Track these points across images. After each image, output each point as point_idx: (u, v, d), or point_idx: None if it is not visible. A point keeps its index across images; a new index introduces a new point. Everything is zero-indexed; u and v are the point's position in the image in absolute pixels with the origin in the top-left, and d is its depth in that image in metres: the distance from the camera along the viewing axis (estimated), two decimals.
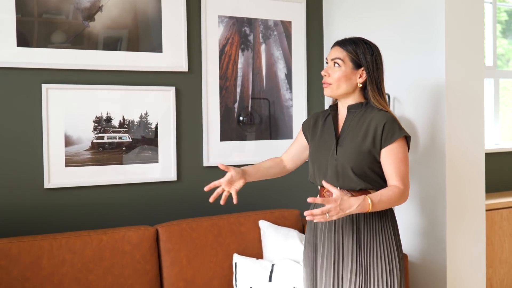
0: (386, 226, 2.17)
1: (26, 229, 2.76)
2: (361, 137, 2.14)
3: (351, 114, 2.21)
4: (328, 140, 2.23)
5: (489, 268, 3.39)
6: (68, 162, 2.83)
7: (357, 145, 2.13)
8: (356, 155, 2.12)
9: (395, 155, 2.11)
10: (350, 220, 2.14)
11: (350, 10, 3.33)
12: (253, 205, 3.31)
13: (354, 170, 2.12)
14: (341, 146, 2.16)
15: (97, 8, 2.88)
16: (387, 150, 2.12)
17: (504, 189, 3.99)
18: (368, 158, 2.13)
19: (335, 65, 2.19)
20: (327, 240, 2.19)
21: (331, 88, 2.20)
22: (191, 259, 2.80)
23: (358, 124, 2.18)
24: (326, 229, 2.20)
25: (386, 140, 2.11)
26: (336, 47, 2.22)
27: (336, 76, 2.18)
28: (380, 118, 2.13)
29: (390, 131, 2.11)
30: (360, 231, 2.14)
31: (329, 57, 2.23)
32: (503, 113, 4.22)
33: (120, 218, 2.97)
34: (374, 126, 2.13)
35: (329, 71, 2.20)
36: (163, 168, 3.05)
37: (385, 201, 2.05)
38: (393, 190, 2.08)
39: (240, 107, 3.27)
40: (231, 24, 3.23)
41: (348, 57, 2.18)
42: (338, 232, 2.16)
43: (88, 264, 2.61)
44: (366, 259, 2.13)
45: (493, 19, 4.09)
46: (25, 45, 2.73)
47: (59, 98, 2.80)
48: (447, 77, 2.71)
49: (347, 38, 2.24)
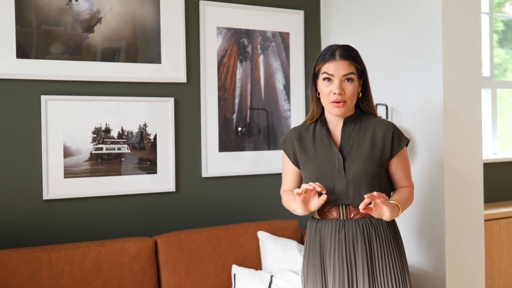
0: (396, 239, 2.15)
1: (24, 241, 2.75)
2: (368, 148, 2.11)
3: (348, 127, 2.15)
4: (328, 156, 2.13)
5: (488, 279, 3.39)
6: (66, 173, 2.83)
7: (367, 156, 2.09)
8: (367, 167, 2.08)
9: (404, 159, 2.18)
10: (361, 233, 2.08)
11: (348, 22, 3.34)
12: (251, 216, 3.31)
13: (368, 184, 2.07)
14: (349, 161, 2.09)
15: (96, 20, 2.89)
16: (397, 157, 2.16)
17: (502, 199, 3.99)
18: (379, 168, 2.11)
19: (348, 81, 2.07)
20: (337, 258, 2.09)
21: (346, 106, 2.09)
22: (190, 270, 2.79)
23: (360, 135, 2.13)
24: (336, 246, 2.10)
25: (397, 148, 2.14)
26: (344, 61, 2.07)
27: (351, 93, 2.07)
28: (386, 126, 2.15)
29: (398, 139, 2.15)
30: (372, 244, 2.09)
31: (336, 72, 2.06)
32: (500, 123, 4.24)
33: (119, 229, 2.97)
34: (382, 135, 2.12)
35: (344, 89, 2.06)
36: (162, 179, 3.05)
37: (404, 202, 2.13)
38: (408, 192, 2.17)
39: (238, 117, 3.28)
40: (229, 36, 3.25)
41: (356, 70, 2.09)
42: (349, 247, 2.08)
43: (86, 276, 2.60)
44: (379, 274, 2.08)
45: (489, 29, 4.11)
46: (24, 57, 2.73)
47: (58, 109, 2.81)
48: (444, 87, 2.72)
49: (345, 48, 2.11)
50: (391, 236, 2.13)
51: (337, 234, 2.10)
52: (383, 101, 3.03)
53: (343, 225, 2.10)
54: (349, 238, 2.09)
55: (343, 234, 2.09)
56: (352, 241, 2.08)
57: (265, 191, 3.37)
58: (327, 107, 2.12)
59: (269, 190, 3.37)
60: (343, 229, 2.09)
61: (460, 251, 2.78)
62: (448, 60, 2.74)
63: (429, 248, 2.83)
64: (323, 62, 2.10)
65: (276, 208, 3.35)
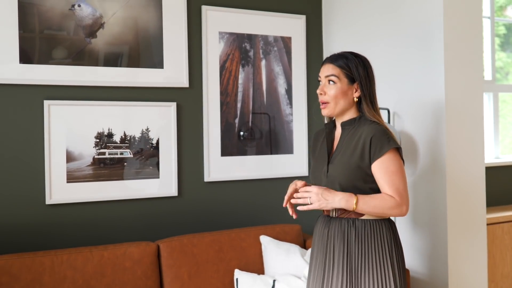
0: (380, 239, 2.11)
1: (27, 245, 2.76)
2: (349, 153, 2.12)
3: (346, 131, 2.19)
4: (322, 158, 2.23)
5: (491, 283, 3.38)
6: (69, 178, 2.83)
7: (346, 161, 2.11)
8: (344, 172, 2.10)
9: (386, 168, 2.06)
10: (341, 232, 2.11)
11: (349, 26, 3.35)
12: (254, 220, 3.31)
13: (341, 187, 2.10)
14: (332, 164, 2.15)
15: (99, 25, 2.90)
16: (377, 164, 2.07)
17: (505, 203, 3.99)
18: (358, 173, 2.09)
19: (330, 83, 2.15)
20: (320, 252, 2.19)
21: (329, 107, 2.17)
22: (192, 275, 2.79)
23: (350, 139, 2.16)
24: (320, 240, 2.19)
25: (375, 154, 2.06)
26: (328, 64, 2.18)
27: (332, 94, 2.14)
28: (369, 131, 2.09)
29: (379, 144, 2.06)
30: (351, 244, 2.10)
31: (322, 74, 2.19)
32: (502, 126, 4.23)
33: (121, 234, 2.97)
34: (363, 140, 2.09)
35: (324, 89, 2.16)
36: (164, 184, 3.06)
37: (374, 205, 2.04)
38: (386, 198, 2.05)
39: (240, 122, 3.28)
40: (231, 40, 3.25)
41: (342, 73, 2.14)
42: (330, 244, 2.15)
43: (89, 281, 2.60)
44: (357, 274, 2.08)
45: (491, 33, 4.11)
46: (27, 62, 2.74)
47: (61, 114, 2.82)
48: (446, 91, 2.72)
49: (336, 53, 2.20)
50: (376, 238, 2.10)
51: (322, 230, 2.20)
52: (385, 105, 3.04)
53: (329, 222, 2.18)
54: (331, 236, 2.16)
55: (327, 230, 2.17)
56: (333, 238, 2.15)
57: (267, 196, 3.37)
58: None
59: (271, 194, 3.37)
60: (328, 226, 2.18)
61: (463, 255, 2.78)
62: (450, 64, 2.74)
63: (432, 252, 2.82)
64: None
65: (279, 213, 3.35)
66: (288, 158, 3.38)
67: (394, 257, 2.13)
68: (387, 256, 2.10)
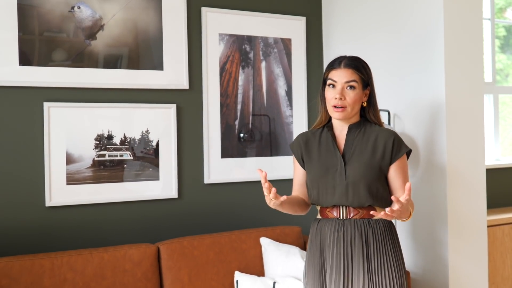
0: (393, 241, 2.21)
1: (27, 248, 2.75)
2: (369, 153, 2.19)
3: (352, 133, 2.23)
4: (331, 160, 2.22)
5: (492, 285, 3.37)
6: (69, 180, 2.83)
7: (367, 161, 2.17)
8: (366, 171, 2.16)
9: (402, 168, 2.21)
10: (359, 233, 2.16)
11: (349, 28, 3.35)
12: (254, 222, 3.30)
13: (366, 187, 2.15)
14: (350, 165, 2.18)
15: (98, 27, 2.90)
16: (396, 164, 2.20)
17: (505, 204, 3.98)
18: (378, 173, 2.18)
19: (350, 88, 2.17)
20: (336, 254, 2.18)
21: (346, 112, 2.18)
22: (193, 277, 2.78)
23: (363, 141, 2.21)
24: (334, 243, 2.19)
25: (396, 155, 2.19)
26: (347, 69, 2.18)
27: (352, 100, 2.17)
28: (388, 134, 2.21)
29: (398, 146, 2.20)
30: (369, 244, 2.16)
31: (338, 79, 2.18)
32: (502, 128, 4.23)
33: (121, 236, 2.97)
34: (383, 142, 2.19)
35: (344, 95, 2.17)
36: (164, 186, 3.05)
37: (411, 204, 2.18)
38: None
39: (240, 124, 3.28)
40: (231, 42, 3.25)
41: (360, 78, 2.19)
42: (347, 245, 2.17)
43: (89, 283, 2.59)
44: (376, 274, 2.15)
45: (491, 35, 4.11)
46: (26, 64, 2.74)
47: (61, 116, 2.81)
48: (446, 93, 2.72)
49: (352, 58, 2.22)
50: (388, 237, 2.20)
51: (336, 232, 2.20)
52: (385, 107, 3.04)
53: (342, 224, 2.20)
54: (347, 237, 2.18)
55: (342, 232, 2.19)
56: (350, 240, 2.17)
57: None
58: (329, 110, 2.23)
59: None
60: (342, 228, 2.19)
61: (463, 257, 2.77)
62: (450, 66, 2.74)
63: (432, 254, 2.82)
64: (330, 70, 2.23)
65: (279, 214, 3.34)
66: (288, 160, 3.38)
67: (401, 254, 2.24)
68: (397, 253, 2.21)
